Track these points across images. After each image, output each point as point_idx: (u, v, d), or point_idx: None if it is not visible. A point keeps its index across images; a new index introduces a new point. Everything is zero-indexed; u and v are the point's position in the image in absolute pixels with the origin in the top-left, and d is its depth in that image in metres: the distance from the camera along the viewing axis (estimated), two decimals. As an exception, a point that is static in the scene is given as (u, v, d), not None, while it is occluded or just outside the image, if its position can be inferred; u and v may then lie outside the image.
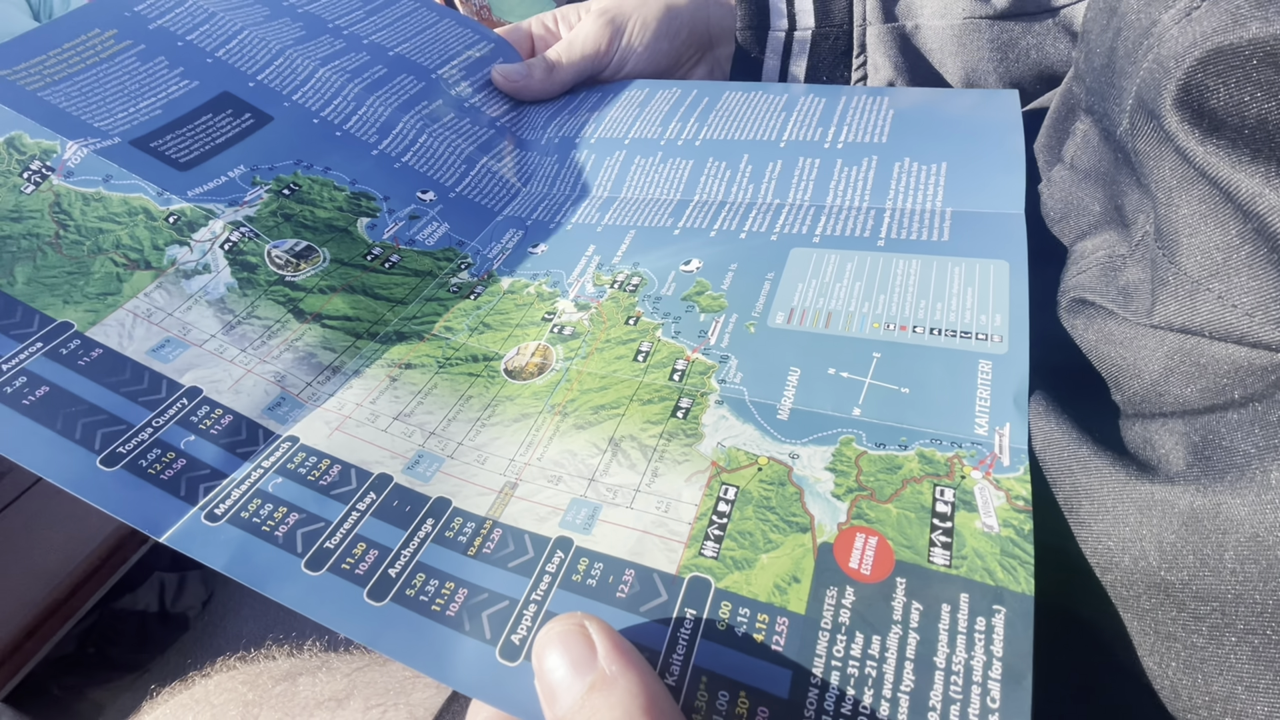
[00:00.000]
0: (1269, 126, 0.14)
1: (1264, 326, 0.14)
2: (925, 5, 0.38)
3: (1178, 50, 0.15)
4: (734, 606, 0.17)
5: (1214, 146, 0.15)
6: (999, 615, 0.15)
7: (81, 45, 0.30)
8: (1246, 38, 0.14)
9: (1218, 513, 0.13)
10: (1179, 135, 0.15)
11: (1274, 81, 0.13)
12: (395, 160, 0.32)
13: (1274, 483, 0.12)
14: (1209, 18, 0.15)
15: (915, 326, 0.22)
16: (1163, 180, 0.16)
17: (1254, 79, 0.14)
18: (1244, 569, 0.12)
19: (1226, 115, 0.14)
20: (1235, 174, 0.14)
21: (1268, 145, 0.14)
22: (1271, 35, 0.13)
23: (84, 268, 0.25)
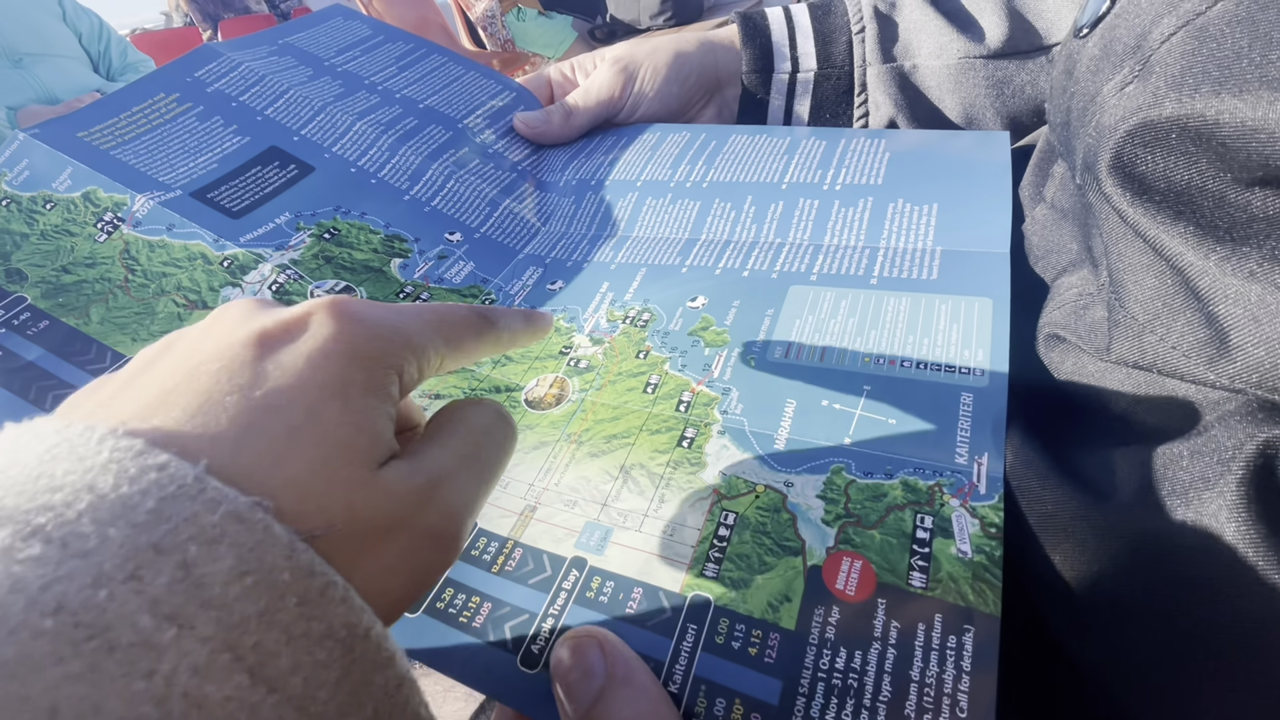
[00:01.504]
0: (1189, 193, 0.15)
1: (1198, 366, 0.15)
2: (922, 46, 0.40)
3: (1112, 121, 0.17)
4: (731, 623, 0.18)
5: (1143, 208, 0.16)
6: (969, 634, 0.17)
7: (149, 108, 0.34)
8: (1165, 115, 0.15)
9: (1161, 537, 0.14)
10: (1113, 196, 0.17)
11: (1190, 154, 0.15)
12: (425, 205, 0.35)
13: (1207, 510, 0.14)
14: (1138, 94, 0.17)
15: (903, 361, 0.24)
16: (1110, 231, 0.18)
17: (1174, 151, 0.15)
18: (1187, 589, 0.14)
19: (1154, 181, 0.16)
20: (1161, 234, 0.16)
21: (1188, 209, 0.15)
22: (1186, 114, 0.15)
23: (149, 308, 0.27)
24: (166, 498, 0.10)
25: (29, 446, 0.10)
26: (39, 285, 0.27)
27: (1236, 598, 0.13)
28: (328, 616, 0.10)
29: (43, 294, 0.27)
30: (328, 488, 0.12)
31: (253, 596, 0.10)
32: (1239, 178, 0.14)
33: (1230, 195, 0.14)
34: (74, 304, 0.27)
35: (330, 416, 0.13)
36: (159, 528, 0.10)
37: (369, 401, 0.13)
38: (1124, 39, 0.18)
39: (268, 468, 0.11)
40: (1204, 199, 0.15)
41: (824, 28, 0.42)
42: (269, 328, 0.14)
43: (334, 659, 0.10)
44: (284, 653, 0.10)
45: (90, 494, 0.09)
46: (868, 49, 0.41)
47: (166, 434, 0.11)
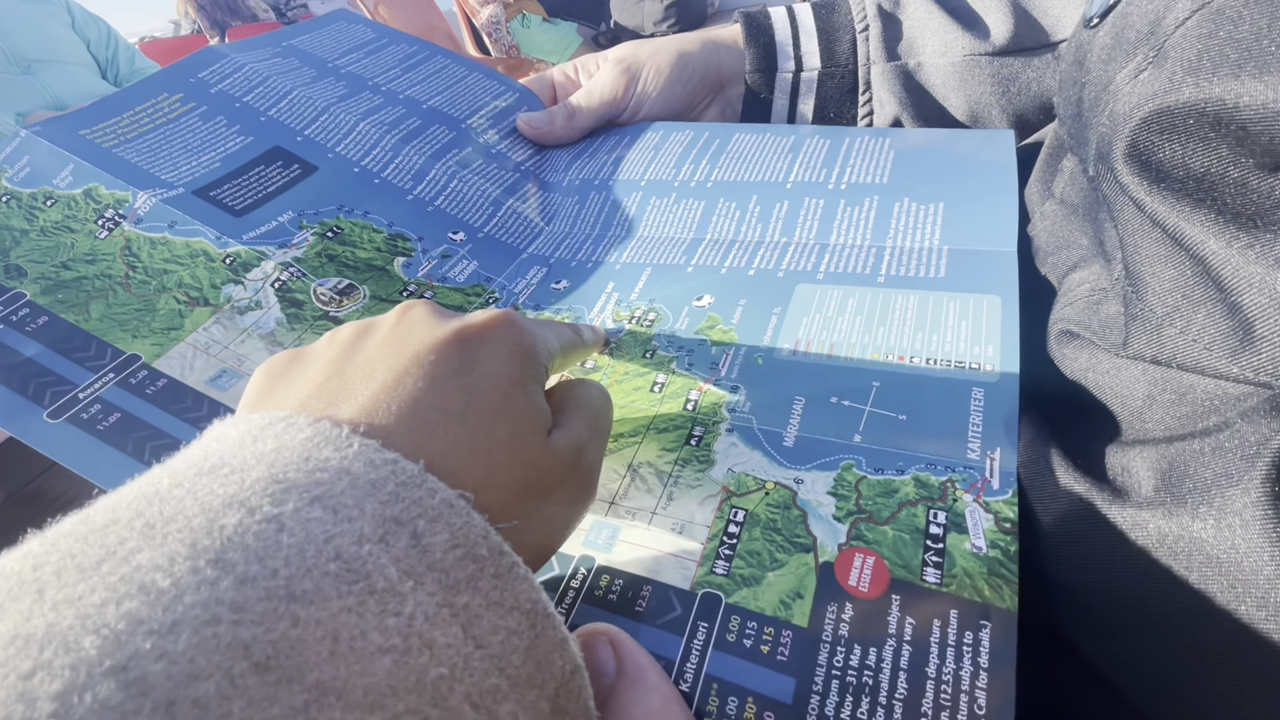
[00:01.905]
0: (1209, 179, 0.15)
1: (1220, 360, 0.15)
2: (927, 44, 0.40)
3: (1127, 109, 0.17)
4: (743, 620, 0.18)
5: (1161, 197, 0.16)
6: (985, 630, 0.16)
7: (152, 108, 0.33)
8: (1182, 100, 0.15)
9: (1181, 536, 0.14)
10: (1130, 186, 0.17)
11: (1209, 139, 0.15)
12: (429, 204, 0.34)
13: (1230, 508, 0.13)
14: (1153, 80, 0.16)
15: (912, 356, 0.24)
16: (1126, 223, 0.18)
17: (1192, 137, 0.15)
18: (1207, 588, 0.14)
19: (1171, 168, 0.16)
20: (1181, 222, 0.16)
21: (1209, 196, 0.15)
22: (1203, 98, 0.15)
23: (150, 305, 0.27)
24: (401, 484, 0.13)
25: (289, 434, 0.13)
26: (38, 281, 0.27)
27: (1262, 597, 0.13)
28: (515, 590, 0.13)
29: (42, 290, 0.27)
30: (524, 454, 0.16)
31: (463, 565, 0.12)
32: (1261, 163, 0.14)
33: (1253, 181, 0.14)
34: (74, 300, 0.27)
35: (518, 401, 0.16)
36: (397, 505, 0.12)
37: (536, 388, 0.17)
38: (1137, 26, 0.18)
39: (473, 454, 0.15)
40: (1225, 185, 0.15)
41: (827, 26, 0.42)
42: (466, 332, 0.17)
43: (522, 628, 0.12)
44: (485, 615, 0.12)
45: (349, 476, 0.12)
46: (872, 47, 0.41)
47: (392, 431, 0.14)
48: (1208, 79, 0.15)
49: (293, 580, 0.10)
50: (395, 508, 0.12)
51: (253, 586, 0.10)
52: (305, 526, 0.11)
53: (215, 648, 0.09)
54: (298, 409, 0.15)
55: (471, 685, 0.11)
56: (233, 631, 0.09)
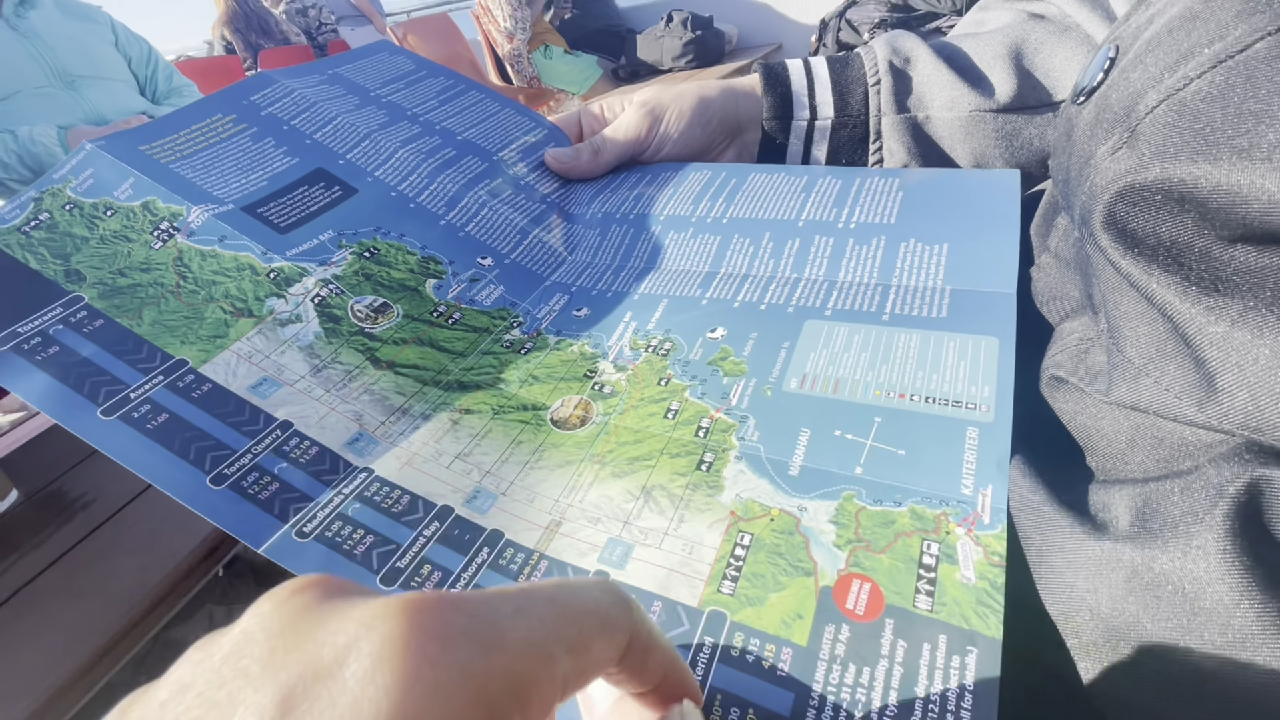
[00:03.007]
0: (1176, 247, 0.17)
1: (1189, 409, 0.16)
2: (935, 98, 0.42)
3: (1104, 182, 0.19)
4: (746, 637, 0.19)
5: (1134, 261, 0.18)
6: (971, 655, 0.18)
7: (207, 127, 0.36)
8: (1150, 178, 0.17)
9: (1151, 568, 0.15)
10: (1108, 249, 0.19)
11: (1176, 213, 0.17)
12: (460, 230, 0.36)
13: (1195, 543, 0.15)
14: (1127, 158, 0.18)
15: (913, 395, 0.25)
16: (1106, 281, 0.19)
17: (1161, 210, 0.17)
18: (1174, 616, 0.15)
19: (1144, 236, 0.18)
20: (1152, 284, 0.17)
21: (1176, 262, 0.17)
22: (1169, 178, 0.17)
23: (198, 313, 0.29)
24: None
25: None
26: (96, 286, 0.29)
27: (1223, 625, 0.14)
28: None
29: (99, 294, 0.28)
30: None
31: None
32: (1221, 235, 0.16)
33: (1215, 250, 0.16)
34: (128, 305, 0.28)
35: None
36: None
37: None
38: (1115, 108, 0.20)
39: None
40: (1190, 253, 0.17)
41: (841, 79, 0.44)
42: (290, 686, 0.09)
43: None
44: None
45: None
46: (883, 100, 0.43)
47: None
48: (1173, 161, 0.17)
49: None
50: None
51: None
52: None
53: None
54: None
55: None
56: None
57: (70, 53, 1.34)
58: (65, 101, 1.31)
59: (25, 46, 1.29)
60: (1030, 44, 0.41)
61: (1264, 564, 0.14)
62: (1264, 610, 0.14)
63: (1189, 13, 0.18)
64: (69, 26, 1.36)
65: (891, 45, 0.44)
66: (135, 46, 1.48)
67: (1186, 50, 0.17)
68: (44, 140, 1.23)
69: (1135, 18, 0.22)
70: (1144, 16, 0.21)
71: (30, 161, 1.24)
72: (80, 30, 1.38)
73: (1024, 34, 0.42)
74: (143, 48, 1.49)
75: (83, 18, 1.41)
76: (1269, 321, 0.15)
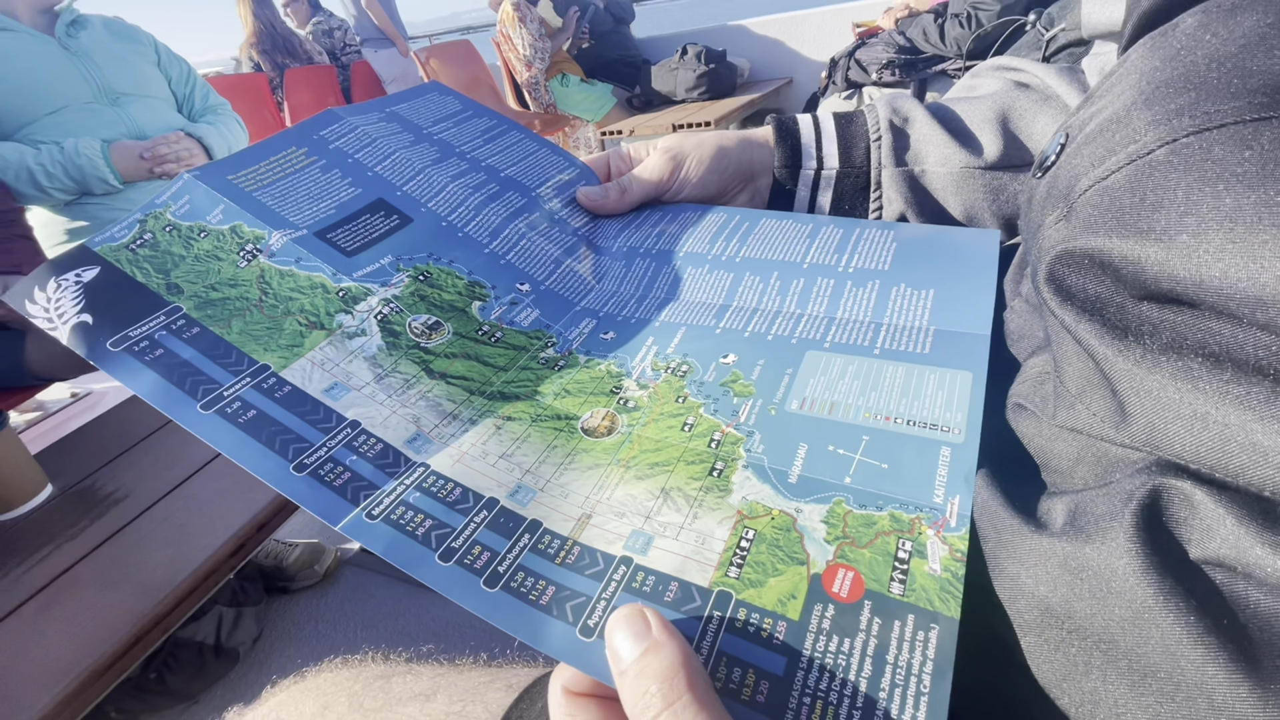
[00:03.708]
0: (1100, 302, 0.21)
1: (1110, 430, 0.20)
2: (929, 155, 0.47)
3: (1047, 245, 0.23)
4: (748, 612, 0.23)
5: (1067, 311, 0.22)
6: (934, 630, 0.21)
7: (283, 159, 0.41)
8: (1079, 246, 0.21)
9: (1077, 556, 0.19)
10: (1049, 300, 0.23)
11: (1099, 275, 0.21)
12: (501, 258, 0.41)
13: (1109, 536, 0.19)
14: (1065, 229, 0.23)
15: (896, 418, 0.29)
16: (1051, 325, 0.24)
17: (1088, 272, 0.21)
18: (1095, 596, 0.19)
19: (1075, 291, 0.22)
20: (1080, 330, 0.21)
21: (1099, 314, 0.21)
22: (1092, 247, 0.21)
23: (278, 325, 0.33)
24: None
25: None
26: (192, 299, 0.33)
27: (1129, 602, 0.18)
28: None
29: (195, 306, 0.33)
30: None
31: None
32: (1131, 294, 0.20)
33: (1127, 305, 0.20)
34: (219, 316, 0.33)
35: None
36: None
37: None
38: (1060, 186, 0.24)
39: None
40: (1109, 306, 0.21)
41: (846, 135, 0.49)
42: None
43: None
44: None
45: None
46: (883, 154, 0.48)
47: None
48: (1096, 235, 0.21)
49: None
50: None
51: None
52: None
53: None
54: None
55: None
56: None
57: (116, 71, 1.41)
58: (109, 117, 1.38)
59: (75, 65, 1.36)
60: (1016, 110, 0.46)
61: (1159, 553, 0.18)
62: (1157, 589, 0.17)
63: (1116, 117, 0.22)
64: (116, 47, 1.44)
65: (892, 106, 0.49)
66: (176, 67, 1.56)
67: (1111, 147, 0.22)
68: (88, 153, 1.30)
69: (1084, 111, 0.26)
70: (1089, 111, 0.26)
71: (74, 172, 1.30)
72: (126, 51, 1.46)
73: (1010, 101, 0.47)
74: (183, 68, 1.57)
75: (129, 39, 1.49)
76: (1160, 363, 0.19)
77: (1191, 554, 0.18)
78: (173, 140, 1.37)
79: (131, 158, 1.34)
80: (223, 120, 1.57)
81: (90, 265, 0.34)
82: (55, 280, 0.33)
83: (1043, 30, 1.30)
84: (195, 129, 1.47)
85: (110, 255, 0.34)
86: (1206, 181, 0.18)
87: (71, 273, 0.33)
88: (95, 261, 0.34)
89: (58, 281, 0.33)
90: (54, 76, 1.33)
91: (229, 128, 1.57)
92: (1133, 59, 0.25)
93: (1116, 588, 0.18)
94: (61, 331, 0.31)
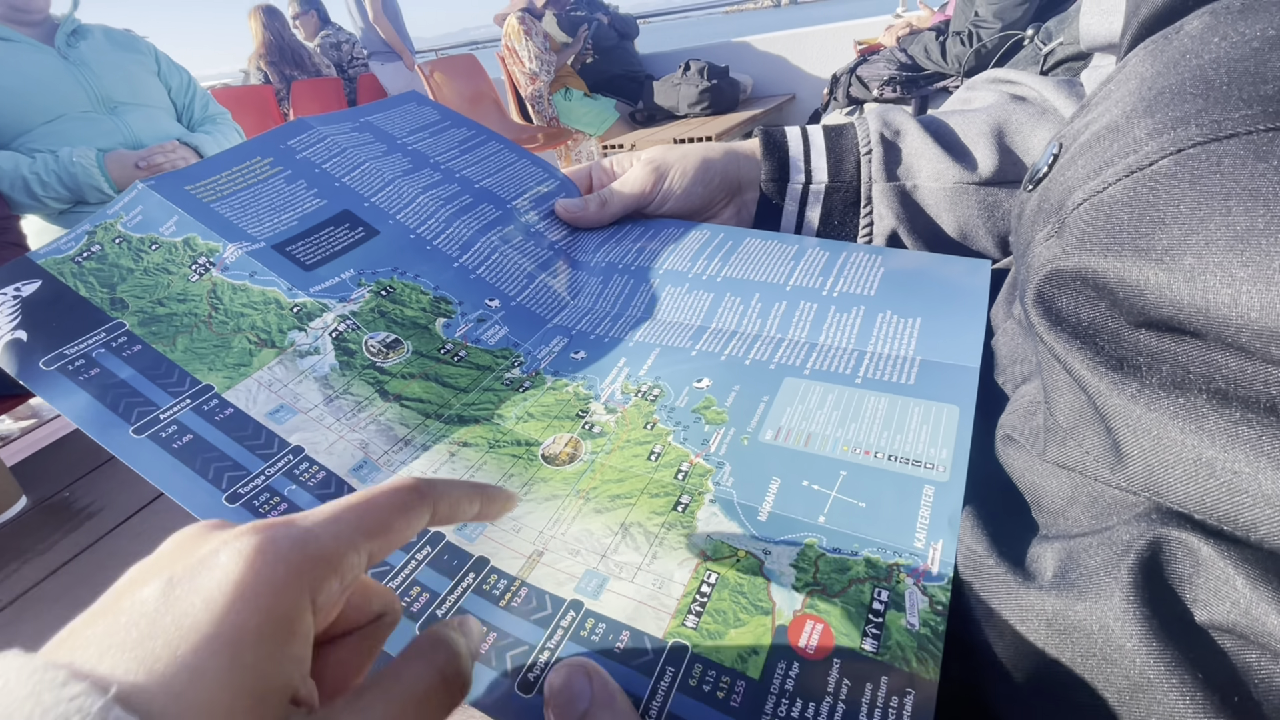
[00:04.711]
0: (1093, 327, 0.19)
1: (1104, 471, 0.18)
2: (921, 170, 0.45)
3: (1037, 263, 0.21)
4: (704, 668, 0.21)
5: (1056, 337, 0.20)
6: (909, 696, 0.19)
7: (247, 169, 0.39)
8: (1070, 265, 0.19)
9: (1067, 615, 0.17)
10: (1037, 324, 0.21)
11: (1092, 297, 0.19)
12: (471, 272, 0.39)
13: (1104, 593, 0.17)
14: (1056, 246, 0.21)
15: (877, 452, 0.27)
16: (1041, 352, 0.22)
17: (1079, 294, 0.19)
18: (1085, 660, 0.16)
19: (1066, 315, 0.20)
20: (1070, 359, 0.19)
21: (1091, 341, 0.19)
22: (1084, 267, 0.19)
23: (226, 342, 0.31)
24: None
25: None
26: (137, 314, 0.31)
27: (1126, 668, 0.16)
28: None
29: (139, 322, 0.31)
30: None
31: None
32: (1128, 320, 0.18)
33: (1123, 333, 0.18)
34: (164, 333, 0.31)
35: (214, 678, 0.12)
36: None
37: (261, 651, 0.13)
38: (1052, 200, 0.22)
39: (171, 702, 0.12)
40: (1103, 334, 0.19)
41: (836, 148, 0.47)
42: (177, 572, 0.14)
43: None
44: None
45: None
46: (874, 168, 0.46)
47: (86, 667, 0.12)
48: (1089, 254, 0.19)
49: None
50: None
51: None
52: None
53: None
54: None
55: None
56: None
57: (114, 81, 1.41)
58: (106, 126, 1.38)
59: (73, 74, 1.36)
60: (1012, 124, 0.44)
61: (1160, 615, 0.16)
62: (1159, 657, 0.15)
63: (1114, 125, 0.21)
64: (115, 56, 1.44)
65: (883, 118, 0.47)
66: (176, 76, 1.56)
67: (1108, 158, 0.20)
68: (82, 162, 1.29)
69: (1078, 120, 0.25)
70: (1084, 120, 0.24)
71: (68, 181, 1.30)
72: (125, 60, 1.46)
73: (1006, 115, 0.45)
74: (183, 77, 1.57)
75: (128, 48, 1.49)
76: (1159, 399, 0.17)
77: (1196, 617, 0.16)
78: (168, 149, 1.37)
79: (127, 166, 1.33)
80: (221, 129, 1.57)
81: (31, 279, 0.32)
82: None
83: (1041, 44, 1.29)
84: (192, 138, 1.46)
85: (54, 268, 0.33)
86: (1215, 196, 0.16)
87: (11, 286, 0.32)
88: (37, 275, 0.32)
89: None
90: (51, 86, 1.33)
91: (227, 137, 1.56)
92: (1131, 65, 0.23)
93: (1112, 655, 0.16)
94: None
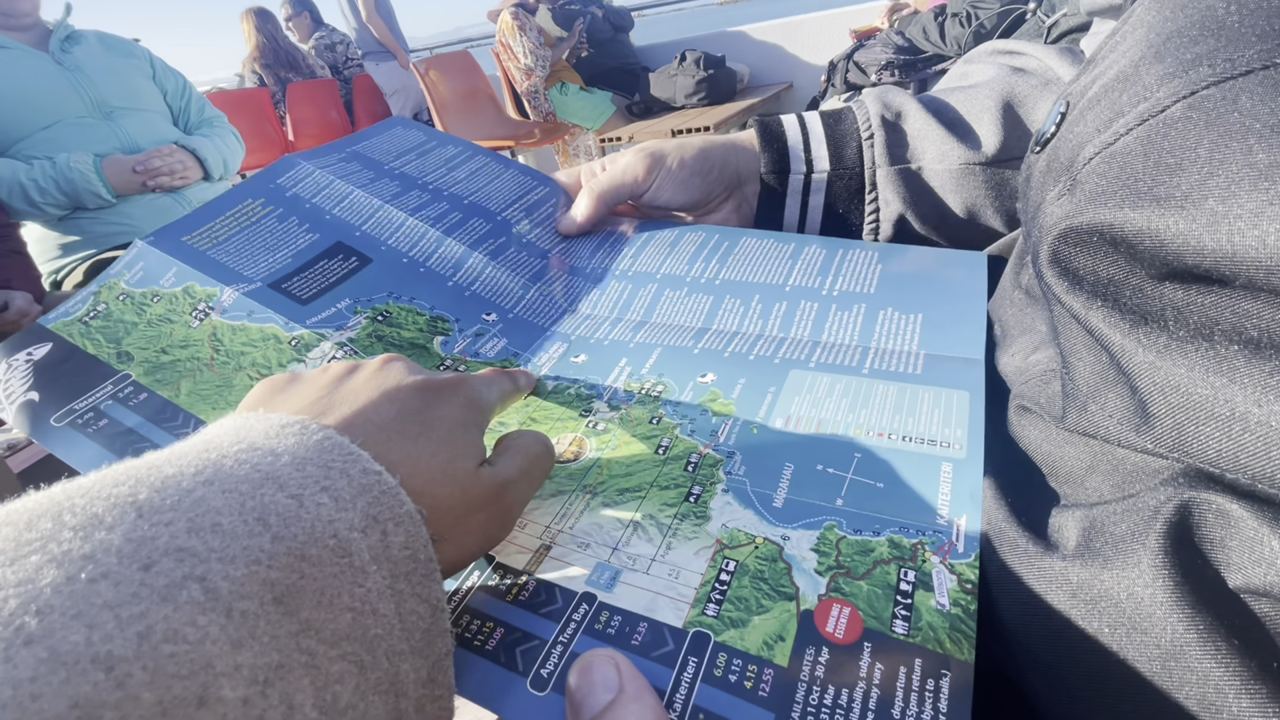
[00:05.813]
0: (1113, 284, 0.18)
1: (1129, 434, 0.17)
2: (926, 152, 0.43)
3: (1050, 223, 0.20)
4: (729, 657, 0.20)
5: (1075, 296, 0.19)
6: (945, 678, 0.18)
7: (239, 212, 0.40)
8: (1085, 221, 0.18)
9: (1093, 585, 0.16)
10: (1053, 285, 0.19)
11: (1110, 253, 0.18)
12: (466, 289, 0.39)
13: (1132, 560, 0.15)
14: (1068, 203, 0.19)
15: (890, 434, 0.26)
16: (1058, 315, 0.20)
17: (1097, 250, 0.18)
18: (1114, 631, 0.15)
19: (1084, 274, 0.19)
20: (1091, 318, 0.18)
21: (1112, 298, 0.18)
22: (1100, 221, 0.18)
23: (229, 382, 0.32)
24: (383, 492, 0.17)
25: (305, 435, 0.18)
26: (142, 364, 0.32)
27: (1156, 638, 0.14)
28: (431, 588, 0.17)
29: (144, 371, 0.32)
30: (455, 476, 0.21)
31: (407, 562, 0.17)
32: (1150, 273, 0.17)
33: (1146, 287, 0.17)
34: (168, 379, 0.31)
35: (459, 437, 0.22)
36: (377, 507, 0.17)
37: (475, 431, 0.23)
38: (1062, 157, 0.21)
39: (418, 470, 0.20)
40: (1124, 289, 0.17)
41: (836, 134, 0.46)
42: (429, 383, 0.23)
43: (427, 615, 0.17)
44: (410, 601, 0.17)
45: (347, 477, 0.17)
46: (877, 153, 0.44)
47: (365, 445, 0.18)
48: (1104, 207, 0.18)
49: (305, 545, 0.15)
50: (375, 509, 0.17)
51: (280, 544, 0.15)
52: (316, 509, 0.16)
53: (256, 581, 0.14)
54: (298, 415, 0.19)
55: (390, 645, 0.16)
56: (266, 573, 0.14)
57: (110, 86, 1.41)
58: (102, 131, 1.39)
59: (68, 79, 1.36)
60: (1015, 98, 0.42)
61: (1191, 580, 0.15)
62: (1191, 625, 0.14)
63: (1122, 75, 0.19)
64: (110, 61, 1.44)
65: (882, 100, 0.45)
66: (171, 80, 1.56)
67: (1119, 109, 0.18)
68: (79, 167, 1.30)
69: (1083, 78, 0.23)
70: (1090, 77, 0.22)
71: (66, 187, 1.30)
72: (120, 64, 1.46)
73: (1009, 88, 0.43)
74: (178, 81, 1.58)
75: (123, 53, 1.49)
76: (1188, 352, 0.15)
77: (1230, 582, 0.15)
78: (165, 153, 1.38)
79: (124, 171, 1.34)
80: (218, 132, 1.56)
81: (42, 342, 0.33)
82: (6, 362, 0.32)
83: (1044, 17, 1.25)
84: (189, 141, 1.46)
85: (63, 330, 0.33)
86: (1234, 136, 0.15)
87: (23, 352, 0.32)
88: (47, 338, 0.33)
89: (8, 363, 0.32)
90: (46, 92, 1.32)
91: (224, 139, 1.56)
92: (1138, 13, 0.22)
93: (1142, 624, 0.15)
94: (9, 412, 0.30)
